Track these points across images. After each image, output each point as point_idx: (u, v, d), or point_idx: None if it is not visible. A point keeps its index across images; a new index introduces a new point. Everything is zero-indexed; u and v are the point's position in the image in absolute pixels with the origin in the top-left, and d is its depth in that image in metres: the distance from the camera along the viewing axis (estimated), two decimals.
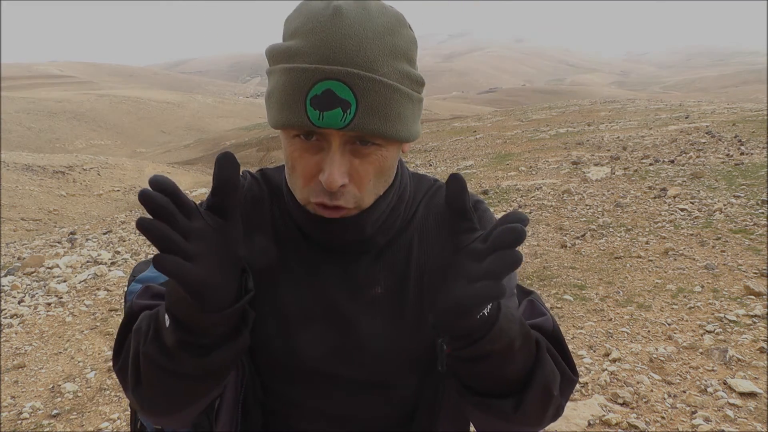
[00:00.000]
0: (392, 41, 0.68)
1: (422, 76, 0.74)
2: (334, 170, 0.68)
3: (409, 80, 0.71)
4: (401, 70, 0.69)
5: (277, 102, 0.69)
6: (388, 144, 0.71)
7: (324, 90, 0.64)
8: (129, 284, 1.28)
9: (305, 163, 0.71)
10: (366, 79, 0.65)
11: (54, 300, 4.88)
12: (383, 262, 0.81)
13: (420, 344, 0.78)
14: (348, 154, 0.69)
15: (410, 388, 0.82)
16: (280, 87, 0.68)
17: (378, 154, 0.71)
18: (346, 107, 0.65)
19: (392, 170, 0.77)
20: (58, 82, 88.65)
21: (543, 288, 4.17)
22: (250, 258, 0.80)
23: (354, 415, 0.82)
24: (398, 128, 0.70)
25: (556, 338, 0.78)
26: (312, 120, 0.65)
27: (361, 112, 0.65)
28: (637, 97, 35.56)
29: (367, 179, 0.72)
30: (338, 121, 0.65)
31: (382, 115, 0.67)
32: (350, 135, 0.68)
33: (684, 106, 18.88)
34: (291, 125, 0.68)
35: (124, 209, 15.60)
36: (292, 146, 0.71)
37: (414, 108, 0.73)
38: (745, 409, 2.50)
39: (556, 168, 8.89)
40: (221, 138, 43.36)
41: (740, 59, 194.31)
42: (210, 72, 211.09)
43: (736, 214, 5.31)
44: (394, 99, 0.68)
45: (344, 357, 0.79)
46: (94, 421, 2.95)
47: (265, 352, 0.80)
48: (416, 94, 0.73)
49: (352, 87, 0.65)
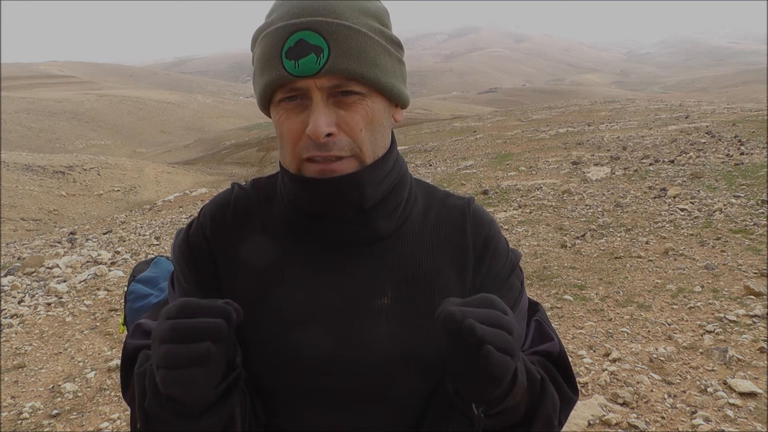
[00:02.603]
0: (361, 4, 0.71)
1: (398, 39, 0.76)
2: (319, 119, 0.68)
3: (382, 35, 0.73)
4: (372, 25, 0.72)
5: (258, 70, 0.72)
6: (372, 94, 0.71)
7: (297, 41, 0.67)
8: (129, 284, 1.28)
9: (291, 123, 0.71)
10: (335, 24, 0.68)
11: (54, 300, 4.88)
12: (388, 267, 0.79)
13: (424, 355, 0.77)
14: (332, 107, 0.70)
15: (415, 401, 0.80)
16: (259, 54, 0.72)
17: (363, 104, 0.71)
18: (319, 52, 0.67)
19: (383, 127, 0.75)
20: (58, 82, 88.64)
21: (543, 288, 4.17)
22: (248, 260, 0.80)
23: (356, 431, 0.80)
24: (377, 73, 0.70)
25: (562, 362, 0.82)
26: (288, 69, 0.68)
27: (333, 55, 0.67)
28: (637, 97, 35.57)
29: (358, 128, 0.71)
30: (313, 65, 0.67)
31: (356, 58, 0.68)
32: (330, 86, 0.69)
33: (684, 106, 18.89)
34: (271, 82, 0.70)
35: (124, 209, 15.61)
36: (278, 113, 0.72)
37: (392, 61, 0.74)
38: (745, 409, 2.50)
39: (556, 168, 8.89)
40: (221, 138, 43.35)
41: (740, 59, 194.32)
42: (210, 72, 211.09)
43: (736, 214, 5.31)
44: (367, 45, 0.70)
45: (343, 365, 0.77)
46: (94, 421, 2.95)
47: (264, 354, 0.79)
48: (393, 50, 0.74)
49: (322, 33, 0.67)
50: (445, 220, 0.83)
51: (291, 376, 0.78)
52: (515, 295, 0.82)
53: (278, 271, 0.80)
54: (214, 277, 0.82)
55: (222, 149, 35.94)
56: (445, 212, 0.84)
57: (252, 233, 0.82)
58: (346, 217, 0.76)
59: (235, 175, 24.56)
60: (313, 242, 0.79)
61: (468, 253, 0.82)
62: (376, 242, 0.79)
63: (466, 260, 0.81)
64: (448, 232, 0.82)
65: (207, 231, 0.83)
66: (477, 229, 0.83)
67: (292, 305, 0.78)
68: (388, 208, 0.78)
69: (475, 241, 0.82)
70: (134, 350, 0.81)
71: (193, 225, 0.85)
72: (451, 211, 0.84)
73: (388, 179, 0.78)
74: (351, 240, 0.78)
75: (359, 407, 0.78)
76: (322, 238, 0.78)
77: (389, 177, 0.78)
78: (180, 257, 0.84)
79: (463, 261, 0.81)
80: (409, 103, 0.79)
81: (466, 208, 0.85)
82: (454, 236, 0.82)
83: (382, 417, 0.79)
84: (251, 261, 0.80)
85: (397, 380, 0.78)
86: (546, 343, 0.83)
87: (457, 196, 0.88)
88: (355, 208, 0.75)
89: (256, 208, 0.84)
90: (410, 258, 0.80)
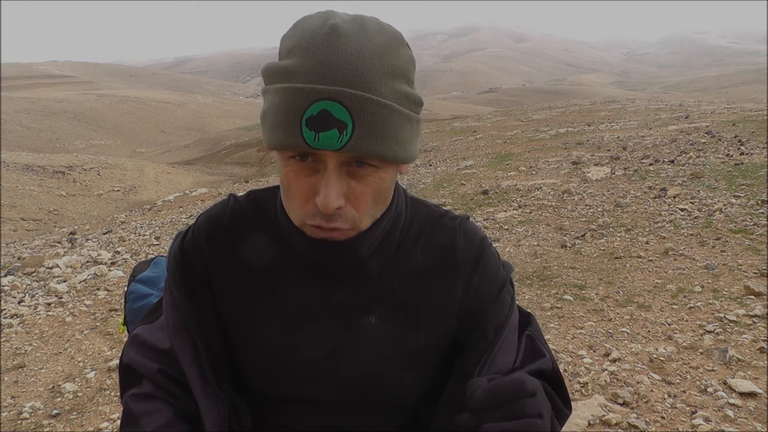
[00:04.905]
0: (390, 61, 0.67)
1: (420, 97, 0.72)
2: (331, 192, 0.67)
3: (407, 101, 0.69)
4: (399, 90, 0.68)
5: (272, 122, 0.68)
6: (386, 166, 0.70)
7: (320, 110, 0.63)
8: (129, 284, 1.28)
9: (301, 184, 0.70)
10: (363, 99, 0.63)
11: (54, 300, 4.88)
12: (376, 287, 0.80)
13: (407, 377, 0.80)
14: (345, 176, 0.68)
15: (398, 413, 0.83)
16: (274, 107, 0.67)
17: (375, 176, 0.70)
18: (342, 128, 0.63)
19: (389, 192, 0.76)
20: (58, 82, 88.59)
21: (543, 288, 4.17)
22: (241, 273, 0.82)
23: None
24: (396, 150, 0.68)
25: (555, 378, 0.83)
26: (308, 141, 0.64)
27: (357, 134, 0.64)
28: (637, 97, 35.57)
29: (365, 201, 0.71)
30: (334, 143, 0.64)
31: (380, 137, 0.65)
32: (347, 156, 0.67)
33: (684, 106, 18.89)
34: (286, 146, 0.67)
35: (124, 209, 15.60)
36: (288, 167, 0.70)
37: (412, 129, 0.72)
38: (745, 409, 2.50)
39: (556, 168, 8.89)
40: (221, 138, 43.34)
41: (740, 59, 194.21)
42: (210, 72, 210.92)
43: (736, 214, 5.31)
44: (392, 120, 0.67)
45: (330, 375, 0.80)
46: (94, 421, 2.94)
47: (256, 363, 0.82)
48: (414, 115, 0.72)
49: (349, 107, 0.63)
50: (436, 240, 0.84)
51: (281, 383, 0.82)
52: (506, 312, 0.83)
53: (270, 286, 0.81)
54: (206, 290, 0.84)
55: (222, 149, 35.94)
56: (437, 233, 0.85)
57: (245, 248, 0.82)
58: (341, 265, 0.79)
59: (235, 175, 24.55)
60: (304, 260, 0.80)
61: (458, 272, 0.82)
62: (367, 271, 0.81)
63: (456, 279, 0.82)
64: (439, 252, 0.83)
65: (201, 243, 0.84)
66: (467, 248, 0.84)
67: (283, 317, 0.80)
68: (381, 250, 0.80)
69: (465, 259, 0.83)
70: (129, 362, 0.88)
71: (188, 235, 0.86)
72: (443, 231, 0.85)
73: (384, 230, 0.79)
74: (341, 266, 0.80)
75: (344, 414, 0.82)
76: (314, 259, 0.80)
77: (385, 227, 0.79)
78: (174, 266, 0.85)
79: (452, 280, 0.82)
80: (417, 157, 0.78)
81: (458, 228, 0.85)
82: (444, 256, 0.83)
83: (368, 423, 0.83)
84: (244, 275, 0.82)
85: (381, 393, 0.81)
86: (538, 359, 0.84)
87: (450, 215, 0.88)
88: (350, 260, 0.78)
89: (252, 223, 0.84)
90: (399, 278, 0.81)
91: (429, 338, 0.81)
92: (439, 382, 0.84)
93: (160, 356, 0.85)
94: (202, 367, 0.81)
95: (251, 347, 0.81)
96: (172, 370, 0.84)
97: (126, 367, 0.89)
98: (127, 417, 0.84)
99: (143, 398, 0.84)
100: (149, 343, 0.87)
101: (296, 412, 0.83)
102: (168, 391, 0.85)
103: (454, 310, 0.82)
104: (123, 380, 0.90)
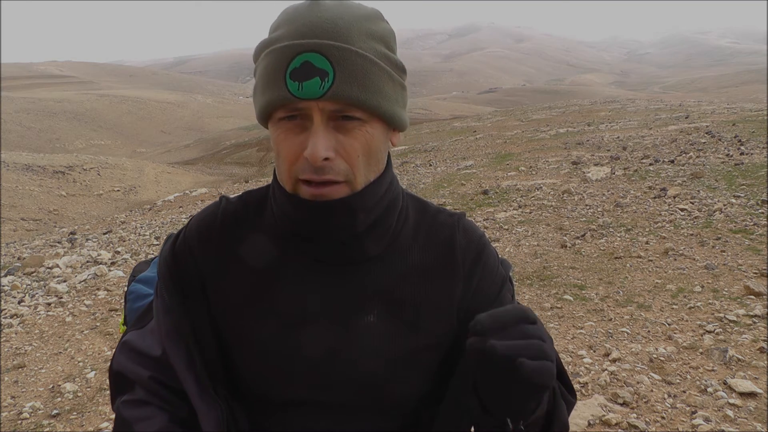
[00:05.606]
0: (369, 26, 0.71)
1: (403, 64, 0.75)
2: (318, 142, 0.68)
3: (388, 60, 0.72)
4: (378, 49, 0.71)
5: (260, 86, 0.72)
6: (372, 120, 0.71)
7: (302, 62, 0.67)
8: (129, 284, 1.28)
9: (290, 143, 0.71)
10: (342, 49, 0.67)
11: (54, 300, 4.88)
12: (375, 285, 0.79)
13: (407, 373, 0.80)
14: (332, 130, 0.69)
15: (397, 411, 0.83)
16: (262, 70, 0.71)
17: (363, 130, 0.71)
18: (324, 76, 0.66)
19: (380, 154, 0.75)
20: (58, 82, 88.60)
21: (543, 288, 4.17)
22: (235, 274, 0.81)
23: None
24: (379, 101, 0.70)
25: (558, 368, 0.83)
26: (291, 91, 0.67)
27: (338, 80, 0.67)
28: (637, 97, 35.58)
29: (355, 154, 0.71)
30: (317, 89, 0.66)
31: (360, 84, 0.68)
32: (332, 110, 0.68)
33: (684, 106, 18.90)
34: (273, 101, 0.69)
35: (124, 209, 15.61)
36: (277, 131, 0.72)
37: (395, 88, 0.73)
38: (745, 409, 2.50)
39: (556, 168, 8.89)
40: (221, 138, 43.35)
41: (740, 59, 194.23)
42: (210, 72, 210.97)
43: (736, 214, 5.32)
44: (372, 71, 0.69)
45: (329, 374, 0.79)
46: (94, 421, 2.95)
47: (253, 365, 0.81)
48: (397, 76, 0.74)
49: (329, 57, 0.67)
50: (434, 238, 0.84)
51: (280, 385, 0.80)
52: None
53: (266, 286, 0.80)
54: (199, 294, 0.83)
55: (222, 149, 35.95)
56: (435, 230, 0.84)
57: (238, 249, 0.82)
58: (338, 239, 0.77)
59: (235, 175, 24.55)
60: (301, 258, 0.79)
61: (457, 271, 0.82)
62: (364, 261, 0.79)
63: (455, 278, 0.82)
64: (437, 250, 0.83)
65: (193, 245, 0.84)
66: (466, 246, 0.84)
67: (280, 318, 0.79)
68: (378, 231, 0.79)
69: (465, 258, 0.83)
70: (119, 368, 0.87)
71: (180, 238, 0.86)
72: (441, 229, 0.84)
73: (381, 204, 0.78)
74: (339, 260, 0.79)
75: (344, 416, 0.81)
76: (310, 256, 0.79)
77: (382, 201, 0.78)
78: (165, 270, 0.85)
79: (452, 278, 0.82)
80: (407, 127, 0.79)
81: (456, 225, 0.85)
82: (443, 254, 0.83)
83: (368, 424, 0.82)
84: (239, 275, 0.81)
85: (381, 393, 0.80)
86: None
87: (448, 212, 0.88)
88: (346, 232, 0.76)
89: (245, 222, 0.84)
90: (397, 276, 0.80)
91: (429, 337, 0.81)
92: (440, 382, 0.83)
93: (151, 363, 0.85)
94: (197, 372, 0.81)
95: (249, 349, 0.80)
96: (164, 377, 0.84)
97: (117, 374, 0.88)
98: (120, 423, 0.84)
99: (136, 404, 0.84)
100: (140, 349, 0.87)
101: (296, 415, 0.81)
102: (161, 397, 0.84)
103: (454, 309, 0.82)
104: (114, 387, 0.89)
